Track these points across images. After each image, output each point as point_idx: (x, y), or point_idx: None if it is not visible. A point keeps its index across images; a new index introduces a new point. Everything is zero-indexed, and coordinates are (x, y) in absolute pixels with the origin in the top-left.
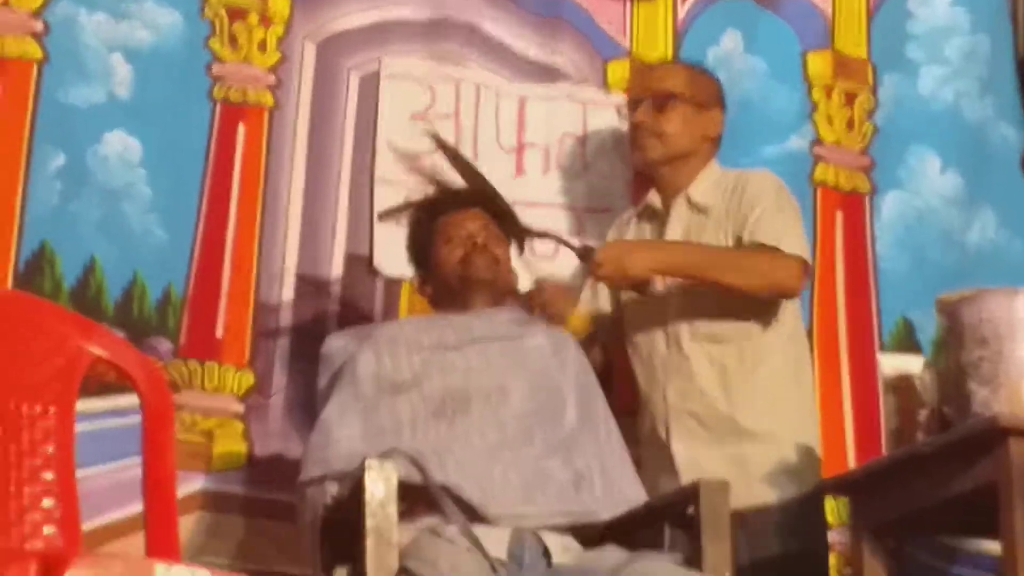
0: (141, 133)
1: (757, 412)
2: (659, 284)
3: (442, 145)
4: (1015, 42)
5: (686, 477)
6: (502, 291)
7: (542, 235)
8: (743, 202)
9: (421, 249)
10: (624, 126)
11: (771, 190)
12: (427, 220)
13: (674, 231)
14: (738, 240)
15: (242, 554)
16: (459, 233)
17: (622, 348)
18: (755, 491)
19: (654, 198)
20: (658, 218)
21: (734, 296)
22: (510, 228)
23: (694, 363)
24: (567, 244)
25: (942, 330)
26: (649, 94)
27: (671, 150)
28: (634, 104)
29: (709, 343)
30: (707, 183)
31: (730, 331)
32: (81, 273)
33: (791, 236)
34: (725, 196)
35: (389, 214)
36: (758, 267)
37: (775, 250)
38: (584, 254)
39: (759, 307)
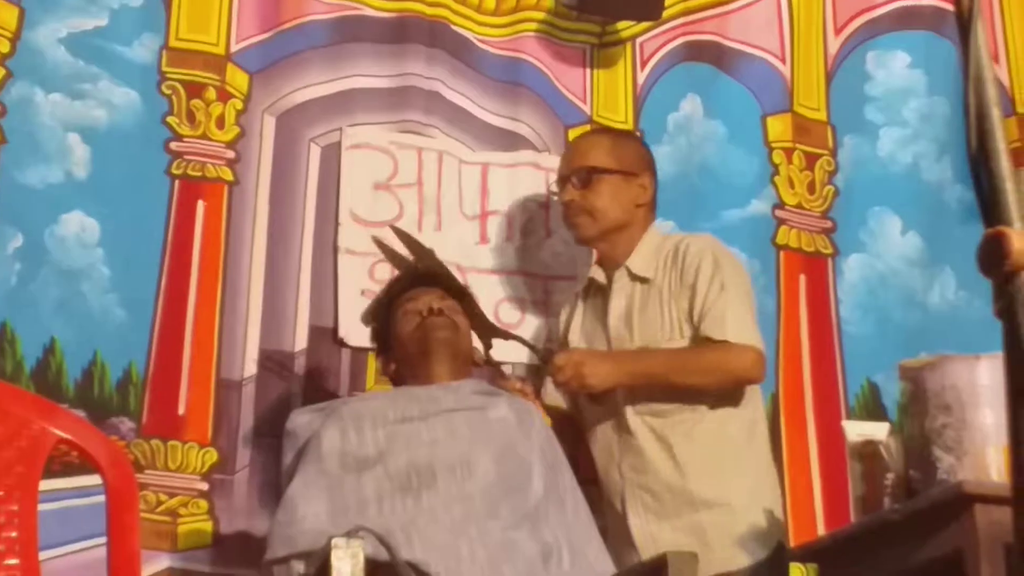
0: (99, 213)
1: (710, 481)
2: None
3: (401, 236)
4: (966, 136)
5: (644, 552)
6: (463, 358)
7: (506, 336)
8: (683, 278)
9: (383, 335)
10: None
11: (709, 264)
12: (386, 305)
13: (618, 304)
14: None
15: None
16: (415, 306)
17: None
18: (715, 561)
19: (597, 272)
20: (601, 293)
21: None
22: (476, 323)
23: (640, 439)
24: (529, 346)
25: (906, 396)
26: (574, 171)
27: (603, 225)
28: (562, 182)
29: (651, 417)
30: (646, 252)
31: (673, 405)
32: (41, 354)
33: (738, 322)
34: (667, 265)
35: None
36: (716, 365)
37: (726, 344)
38: (545, 358)
39: None
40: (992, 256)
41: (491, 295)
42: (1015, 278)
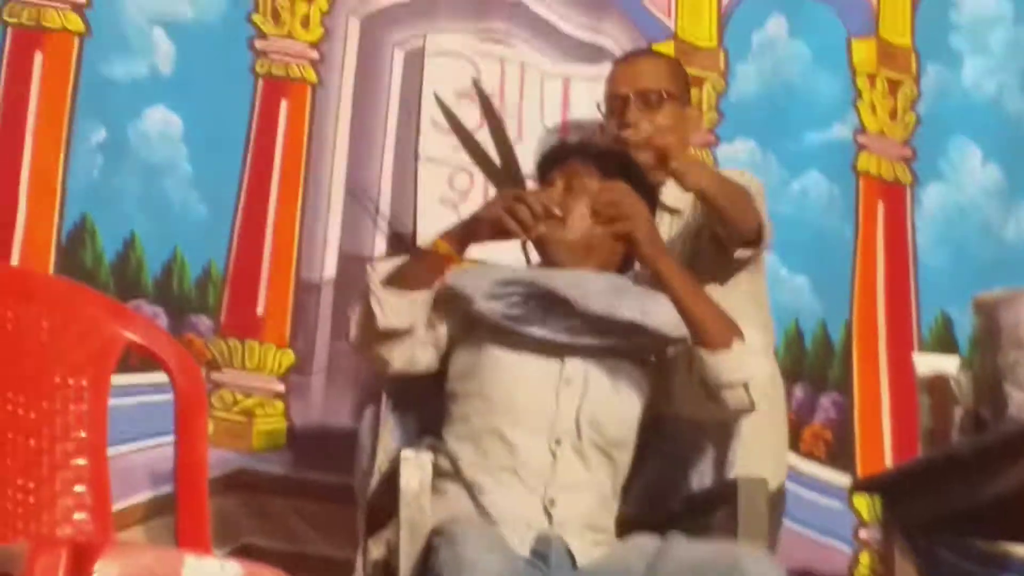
0: (182, 108)
1: None
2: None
3: (482, 98)
4: None
5: None
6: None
7: None
8: None
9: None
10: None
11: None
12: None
13: None
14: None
15: (282, 535)
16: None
17: None
18: None
19: None
20: None
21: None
22: None
23: None
24: None
25: (979, 330)
26: (638, 91)
27: (663, 152)
28: (620, 101)
29: None
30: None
31: None
32: (121, 248)
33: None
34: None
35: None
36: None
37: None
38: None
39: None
40: None
41: None
42: None
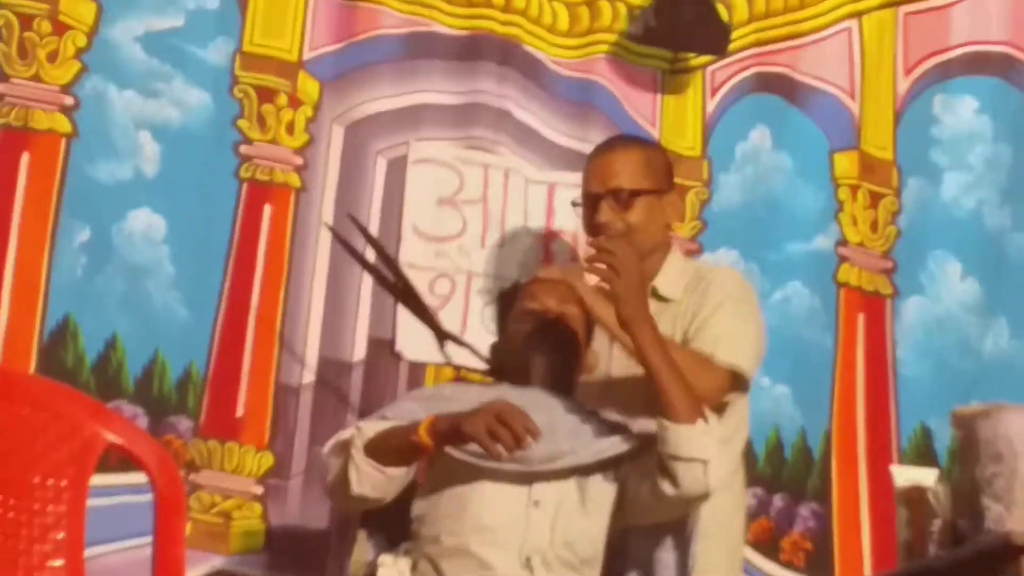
0: (167, 211)
1: None
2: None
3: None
4: None
5: None
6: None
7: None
8: (702, 302)
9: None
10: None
11: (732, 293)
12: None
13: None
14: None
15: None
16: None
17: None
18: None
19: None
20: None
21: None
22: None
23: None
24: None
25: (957, 443)
26: (609, 190)
27: (641, 247)
28: (593, 199)
29: None
30: (673, 274)
31: None
32: (103, 348)
33: (731, 342)
34: (688, 290)
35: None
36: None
37: (707, 360)
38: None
39: None
40: None
41: None
42: None
